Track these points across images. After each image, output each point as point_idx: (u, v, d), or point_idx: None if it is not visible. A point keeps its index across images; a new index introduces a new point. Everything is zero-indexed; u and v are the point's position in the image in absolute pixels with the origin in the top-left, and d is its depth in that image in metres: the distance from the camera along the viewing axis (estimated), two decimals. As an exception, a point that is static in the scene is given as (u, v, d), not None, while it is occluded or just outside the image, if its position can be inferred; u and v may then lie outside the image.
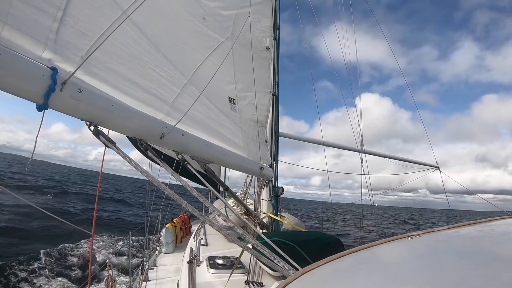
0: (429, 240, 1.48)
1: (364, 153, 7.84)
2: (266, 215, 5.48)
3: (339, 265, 1.32)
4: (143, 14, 3.01)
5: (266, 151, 5.47)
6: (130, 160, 2.39)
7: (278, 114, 5.97)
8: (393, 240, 1.49)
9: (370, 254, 1.40)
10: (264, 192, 5.91)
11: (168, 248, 6.82)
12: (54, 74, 1.91)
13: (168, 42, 3.42)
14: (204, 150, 3.50)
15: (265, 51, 5.61)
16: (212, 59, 3.98)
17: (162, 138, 2.82)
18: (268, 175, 5.16)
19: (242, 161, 4.36)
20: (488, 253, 1.26)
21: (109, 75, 2.60)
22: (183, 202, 2.47)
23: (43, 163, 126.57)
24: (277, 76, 5.95)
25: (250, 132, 4.93)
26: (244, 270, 3.79)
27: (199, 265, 4.06)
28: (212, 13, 4.19)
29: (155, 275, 5.29)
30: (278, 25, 6.05)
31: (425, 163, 8.95)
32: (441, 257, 1.26)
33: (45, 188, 29.58)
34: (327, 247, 3.45)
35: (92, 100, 2.21)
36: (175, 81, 3.39)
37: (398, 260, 1.39)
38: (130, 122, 2.56)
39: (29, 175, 34.85)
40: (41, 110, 1.92)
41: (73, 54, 2.28)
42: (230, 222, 2.68)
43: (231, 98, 4.52)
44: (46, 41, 2.13)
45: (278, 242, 2.94)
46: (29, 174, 35.73)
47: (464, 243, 1.49)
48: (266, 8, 5.59)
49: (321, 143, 7.94)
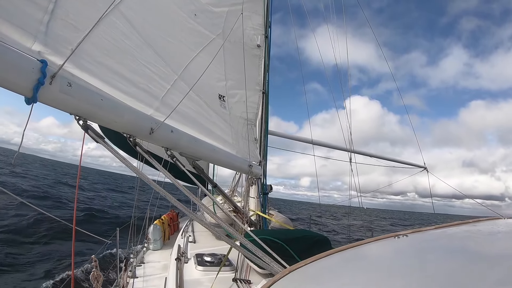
0: (417, 239, 1.50)
1: (352, 153, 7.89)
2: (254, 213, 5.49)
3: (327, 263, 1.33)
4: (135, 8, 2.99)
5: (255, 148, 5.48)
6: (119, 156, 2.37)
7: (268, 112, 5.98)
8: (380, 239, 1.51)
9: (357, 253, 1.41)
10: (253, 190, 5.91)
11: (156, 245, 6.78)
12: (44, 67, 1.89)
13: (159, 38, 3.40)
14: (193, 147, 3.49)
15: (256, 49, 5.60)
16: (203, 56, 3.97)
17: (151, 134, 2.81)
18: (256, 173, 5.17)
19: (231, 158, 4.36)
20: (475, 252, 1.28)
21: (99, 69, 2.58)
22: (171, 198, 2.46)
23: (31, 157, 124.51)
24: (268, 74, 5.95)
25: (239, 130, 4.93)
26: (232, 267, 3.80)
27: (186, 262, 4.05)
28: (203, 10, 4.18)
29: (143, 272, 5.26)
30: (270, 23, 6.05)
31: (413, 164, 9.05)
32: (428, 255, 1.28)
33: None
34: (314, 245, 3.47)
35: (81, 94, 2.19)
36: (166, 76, 3.37)
37: (385, 259, 1.41)
38: (120, 117, 2.54)
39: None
40: (30, 103, 1.89)
41: (63, 47, 2.25)
42: (218, 219, 2.69)
43: (221, 95, 4.51)
44: (36, 33, 2.10)
45: (266, 239, 2.95)
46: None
47: (451, 242, 1.52)
48: (258, 6, 5.59)
49: (310, 142, 7.98)
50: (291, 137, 8.40)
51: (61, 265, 9.59)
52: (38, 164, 76.69)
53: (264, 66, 5.80)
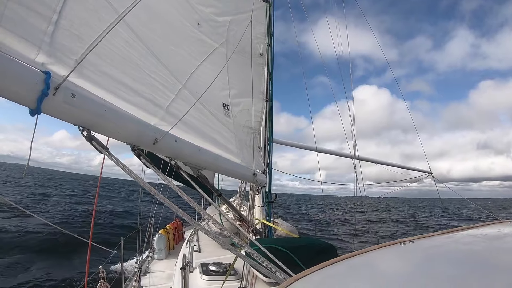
0: (423, 245, 1.49)
1: (357, 160, 7.85)
2: (259, 222, 5.46)
3: (332, 271, 1.32)
4: (138, 18, 3.01)
5: (259, 157, 5.47)
6: (123, 166, 2.37)
7: (271, 120, 5.97)
8: (386, 246, 1.49)
9: (363, 260, 1.40)
10: (258, 198, 5.89)
11: (161, 254, 6.77)
12: (48, 79, 1.89)
13: (163, 47, 3.41)
14: (197, 156, 3.48)
15: (259, 57, 5.62)
16: (206, 65, 3.99)
17: (155, 144, 2.81)
18: (261, 181, 5.15)
19: (235, 167, 4.35)
20: (482, 259, 1.26)
21: (103, 79, 2.58)
22: (176, 208, 2.45)
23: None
24: (271, 83, 5.96)
25: (243, 138, 4.93)
26: (237, 276, 3.77)
27: (192, 272, 4.03)
28: (207, 19, 4.20)
29: (148, 282, 5.24)
30: (272, 32, 6.07)
31: (418, 169, 9.00)
32: (435, 262, 1.26)
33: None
34: (320, 253, 3.44)
35: (85, 105, 2.19)
36: (170, 86, 3.38)
37: (391, 266, 1.40)
38: (123, 127, 2.54)
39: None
40: (34, 114, 1.90)
41: (67, 58, 2.26)
42: (223, 228, 2.67)
43: (225, 104, 4.52)
44: (40, 44, 2.11)
45: (271, 248, 2.93)
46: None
47: (458, 248, 1.50)
48: (260, 15, 5.62)
49: (314, 150, 7.96)
50: (296, 144, 8.39)
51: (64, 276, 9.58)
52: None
53: (267, 74, 5.81)
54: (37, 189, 34.66)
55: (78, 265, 10.16)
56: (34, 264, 10.21)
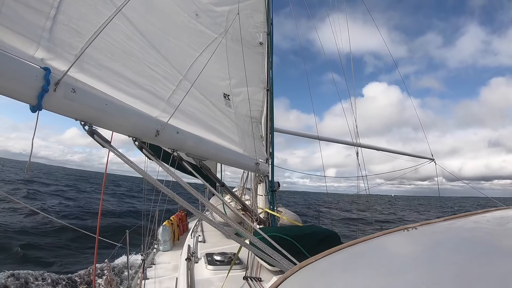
0: (426, 232, 1.49)
1: (359, 147, 7.85)
2: (263, 211, 5.48)
3: (337, 258, 1.33)
4: (137, 10, 2.99)
5: (261, 146, 5.48)
6: (126, 159, 2.38)
7: (273, 109, 5.96)
8: (389, 232, 1.50)
9: (367, 247, 1.40)
10: (261, 187, 5.91)
11: (166, 245, 6.81)
12: (47, 75, 1.89)
13: (162, 39, 3.40)
14: (199, 147, 3.49)
15: (259, 46, 5.59)
16: (206, 55, 3.97)
17: (157, 136, 2.81)
18: (264, 171, 5.17)
19: (238, 157, 4.36)
20: (485, 244, 1.27)
21: (103, 73, 2.58)
22: (179, 199, 2.46)
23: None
24: (271, 71, 5.94)
25: (245, 128, 4.93)
26: (242, 265, 3.80)
27: (197, 262, 4.06)
28: (205, 9, 4.17)
29: (154, 273, 5.29)
30: (272, 20, 6.03)
31: (420, 156, 8.97)
32: (439, 248, 1.27)
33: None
34: (324, 241, 3.46)
35: (86, 100, 2.18)
36: (170, 77, 3.37)
37: (395, 252, 1.40)
38: (125, 121, 2.54)
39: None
40: (35, 111, 1.90)
41: (66, 53, 2.26)
42: (227, 218, 2.69)
43: (226, 94, 4.51)
44: (39, 40, 2.11)
45: (276, 237, 2.95)
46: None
47: (461, 234, 1.51)
48: (259, 4, 5.58)
49: (316, 138, 7.95)
50: (297, 133, 8.37)
51: (67, 268, 9.70)
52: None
53: (267, 63, 5.79)
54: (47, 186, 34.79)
55: (83, 260, 10.30)
56: (42, 258, 10.33)
